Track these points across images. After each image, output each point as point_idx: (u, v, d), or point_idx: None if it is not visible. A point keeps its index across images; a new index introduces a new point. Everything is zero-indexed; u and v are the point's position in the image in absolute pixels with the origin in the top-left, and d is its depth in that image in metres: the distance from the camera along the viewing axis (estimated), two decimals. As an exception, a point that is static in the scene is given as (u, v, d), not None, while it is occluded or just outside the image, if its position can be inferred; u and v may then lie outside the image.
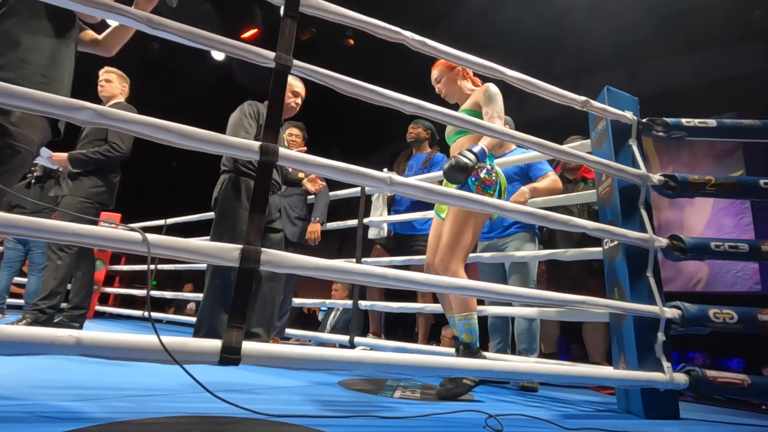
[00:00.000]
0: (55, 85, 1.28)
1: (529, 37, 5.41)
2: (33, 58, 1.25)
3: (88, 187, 2.30)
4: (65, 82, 1.34)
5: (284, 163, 1.14)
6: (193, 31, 1.12)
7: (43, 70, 1.27)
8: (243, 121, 2.16)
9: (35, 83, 1.20)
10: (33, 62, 1.25)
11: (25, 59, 1.24)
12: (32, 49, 1.26)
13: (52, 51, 1.30)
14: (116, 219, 4.67)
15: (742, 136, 1.92)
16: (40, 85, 1.21)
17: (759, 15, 4.93)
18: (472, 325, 1.69)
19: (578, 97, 1.78)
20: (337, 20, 1.34)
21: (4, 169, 1.19)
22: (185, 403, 1.09)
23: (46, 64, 1.28)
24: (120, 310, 4.82)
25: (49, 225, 0.88)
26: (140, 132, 1.02)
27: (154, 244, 0.94)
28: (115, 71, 2.55)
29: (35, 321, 2.11)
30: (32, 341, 0.81)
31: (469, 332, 1.68)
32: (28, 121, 1.24)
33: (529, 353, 2.35)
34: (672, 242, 1.72)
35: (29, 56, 1.25)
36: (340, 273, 1.14)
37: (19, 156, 1.22)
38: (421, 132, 3.20)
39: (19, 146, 1.22)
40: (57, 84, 1.29)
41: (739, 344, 4.81)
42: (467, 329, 1.68)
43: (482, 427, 1.14)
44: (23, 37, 1.25)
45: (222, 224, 2.10)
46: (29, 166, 1.36)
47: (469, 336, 1.68)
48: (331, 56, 5.84)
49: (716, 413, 2.00)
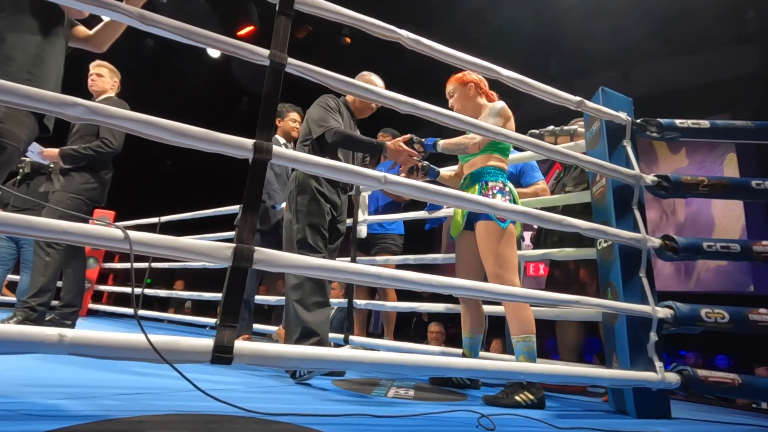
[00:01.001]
0: (41, 83, 1.25)
1: (524, 38, 5.42)
2: (17, 56, 1.23)
3: (79, 183, 2.28)
4: (51, 80, 1.32)
5: (277, 161, 1.13)
6: (186, 28, 1.11)
7: (29, 68, 1.25)
8: (328, 114, 1.97)
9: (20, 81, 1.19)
10: (17, 59, 1.23)
11: (10, 56, 1.22)
12: (17, 46, 1.24)
13: (38, 48, 1.28)
14: (110, 217, 4.64)
15: (735, 137, 1.94)
16: (25, 82, 1.19)
17: (752, 17, 4.97)
18: (532, 348, 1.62)
19: (573, 98, 1.78)
20: (333, 18, 1.33)
21: None
22: (177, 402, 1.09)
23: (32, 61, 1.26)
24: (114, 308, 4.79)
25: (30, 221, 0.86)
26: (133, 129, 1.01)
27: (139, 242, 0.93)
28: (107, 65, 2.52)
29: (26, 319, 2.09)
30: (21, 340, 0.80)
31: (528, 355, 1.61)
32: (14, 117, 1.22)
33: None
34: (664, 242, 1.73)
35: (14, 53, 1.23)
36: (334, 272, 1.13)
37: (5, 152, 1.21)
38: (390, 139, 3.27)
39: (5, 142, 1.20)
40: (42, 82, 1.27)
41: (726, 342, 4.86)
42: (526, 352, 1.61)
43: (475, 427, 1.14)
44: (8, 35, 1.23)
45: (297, 217, 1.89)
46: (16, 162, 1.34)
47: (527, 359, 1.60)
48: (328, 55, 5.84)
49: (707, 412, 2.02)
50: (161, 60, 6.37)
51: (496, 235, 1.72)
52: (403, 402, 1.47)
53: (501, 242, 1.72)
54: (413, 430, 1.07)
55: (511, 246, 1.74)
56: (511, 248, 1.73)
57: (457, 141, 1.82)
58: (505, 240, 1.72)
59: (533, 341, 1.64)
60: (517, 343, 1.65)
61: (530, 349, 1.62)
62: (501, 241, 1.72)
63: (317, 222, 1.90)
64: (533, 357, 1.62)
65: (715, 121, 1.92)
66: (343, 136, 1.87)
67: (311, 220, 1.88)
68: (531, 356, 1.62)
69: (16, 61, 1.23)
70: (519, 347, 1.64)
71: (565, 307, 1.78)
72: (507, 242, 1.72)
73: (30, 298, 2.15)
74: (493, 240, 1.72)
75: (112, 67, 2.54)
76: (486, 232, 1.74)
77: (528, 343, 1.63)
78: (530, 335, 1.64)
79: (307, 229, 1.87)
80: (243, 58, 1.18)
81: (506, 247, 1.72)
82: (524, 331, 1.64)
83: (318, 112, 1.97)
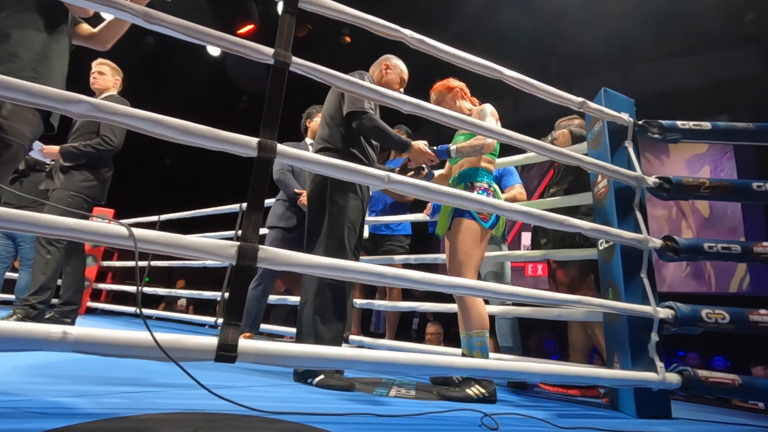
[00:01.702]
0: (45, 80, 1.26)
1: (523, 39, 5.42)
2: (22, 53, 1.23)
3: (79, 180, 2.28)
4: (56, 77, 1.32)
5: (283, 159, 1.14)
6: (192, 27, 1.11)
7: (33, 65, 1.25)
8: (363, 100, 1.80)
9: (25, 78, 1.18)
10: (22, 57, 1.23)
11: (15, 53, 1.22)
12: (21, 43, 1.23)
13: (43, 46, 1.28)
14: (109, 215, 4.63)
15: (736, 138, 1.94)
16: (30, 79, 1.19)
17: (752, 19, 4.99)
18: (485, 343, 1.68)
19: (575, 99, 1.79)
20: (337, 17, 1.33)
21: None
22: (181, 400, 1.08)
23: (36, 58, 1.26)
24: (112, 306, 4.77)
25: (35, 218, 0.86)
26: (137, 126, 1.01)
27: (144, 239, 0.93)
28: (108, 63, 2.52)
29: (26, 316, 2.09)
30: (25, 337, 0.79)
31: (481, 350, 1.67)
32: (20, 114, 1.22)
33: (513, 352, 2.40)
34: (666, 243, 1.73)
35: (18, 51, 1.23)
36: (338, 271, 1.13)
37: (11, 150, 1.21)
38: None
39: (10, 139, 1.20)
40: (47, 79, 1.27)
41: (723, 342, 4.88)
42: (479, 347, 1.67)
43: (478, 426, 1.14)
44: (12, 32, 1.23)
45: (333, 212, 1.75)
46: (21, 160, 1.34)
47: (481, 354, 1.66)
48: (327, 54, 5.83)
49: (708, 412, 2.03)
50: (160, 57, 6.35)
51: (474, 233, 1.75)
52: (406, 401, 1.47)
53: (476, 241, 1.75)
54: (417, 429, 1.07)
55: (482, 248, 1.78)
56: (481, 250, 1.77)
57: (470, 144, 1.81)
58: (482, 240, 1.77)
59: (486, 336, 1.69)
60: (471, 337, 1.69)
61: (483, 343, 1.67)
62: (476, 240, 1.75)
63: (354, 219, 1.78)
64: (486, 351, 1.68)
65: (717, 123, 1.93)
66: (375, 125, 1.76)
67: (349, 216, 1.76)
68: (484, 350, 1.67)
69: (21, 59, 1.22)
70: (473, 342, 1.68)
71: (567, 307, 1.78)
72: (482, 243, 1.77)
73: (30, 295, 2.14)
74: (470, 238, 1.75)
75: (114, 65, 2.54)
76: (466, 228, 1.77)
77: (482, 338, 1.68)
78: (485, 330, 1.69)
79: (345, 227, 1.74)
80: (247, 56, 1.18)
81: (476, 249, 1.76)
82: (480, 326, 1.68)
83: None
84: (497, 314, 2.29)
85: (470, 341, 1.69)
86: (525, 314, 2.14)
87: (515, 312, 2.18)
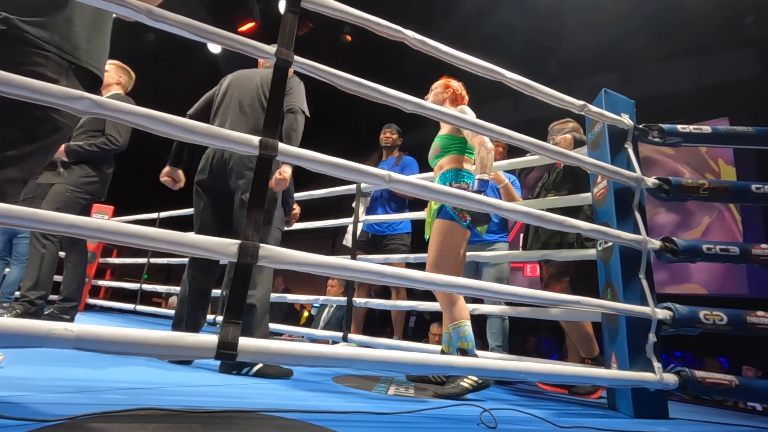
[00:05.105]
0: (98, 56, 1.16)
1: (522, 41, 5.42)
2: (78, 21, 1.12)
3: (79, 176, 2.27)
4: (105, 52, 1.21)
5: (283, 158, 1.14)
6: (195, 24, 1.11)
7: (88, 35, 1.14)
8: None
9: (80, 50, 1.09)
10: (78, 24, 1.11)
11: (71, 20, 1.10)
12: (77, 9, 1.12)
13: (95, 16, 1.17)
14: (109, 211, 4.63)
15: (736, 142, 1.95)
16: (85, 53, 1.10)
17: (751, 22, 5.00)
18: (466, 332, 1.72)
19: (576, 101, 1.79)
20: (339, 17, 1.33)
21: (40, 145, 1.05)
22: (181, 397, 1.09)
23: (90, 29, 1.15)
24: (111, 303, 4.77)
25: (37, 214, 0.86)
26: (139, 124, 1.01)
27: (146, 237, 0.93)
28: (112, 61, 2.51)
29: (25, 312, 2.09)
30: (26, 333, 0.80)
31: (465, 339, 1.71)
32: None
33: (503, 351, 2.43)
34: (664, 244, 1.74)
35: (75, 17, 1.11)
36: (338, 269, 1.14)
37: (60, 132, 1.09)
38: (396, 138, 3.38)
39: (62, 122, 1.08)
40: (99, 54, 1.17)
41: (718, 344, 4.88)
42: (462, 337, 1.71)
43: (477, 423, 1.14)
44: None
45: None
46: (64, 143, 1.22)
47: (465, 343, 1.70)
48: (327, 53, 5.82)
49: (705, 413, 2.04)
50: (160, 55, 6.33)
51: (453, 233, 1.80)
52: (405, 399, 1.47)
53: (455, 239, 1.80)
54: (417, 426, 1.08)
55: (461, 247, 1.81)
56: (458, 249, 1.81)
57: (482, 162, 1.80)
58: (461, 239, 1.81)
59: (467, 326, 1.72)
60: (456, 328, 1.73)
61: (465, 334, 1.71)
62: (455, 239, 1.80)
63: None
64: (469, 339, 1.71)
65: (717, 127, 1.94)
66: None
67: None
68: (467, 339, 1.71)
69: (77, 26, 1.11)
70: (455, 335, 1.72)
71: (565, 307, 1.79)
72: (459, 242, 1.81)
73: (28, 291, 2.14)
74: (449, 237, 1.80)
75: (120, 63, 2.52)
76: (449, 226, 1.80)
77: (463, 328, 1.72)
78: (463, 320, 1.73)
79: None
80: (250, 55, 1.18)
81: (455, 248, 1.79)
82: (464, 317, 1.73)
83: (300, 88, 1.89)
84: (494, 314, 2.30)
85: (454, 333, 1.73)
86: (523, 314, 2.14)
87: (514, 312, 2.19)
